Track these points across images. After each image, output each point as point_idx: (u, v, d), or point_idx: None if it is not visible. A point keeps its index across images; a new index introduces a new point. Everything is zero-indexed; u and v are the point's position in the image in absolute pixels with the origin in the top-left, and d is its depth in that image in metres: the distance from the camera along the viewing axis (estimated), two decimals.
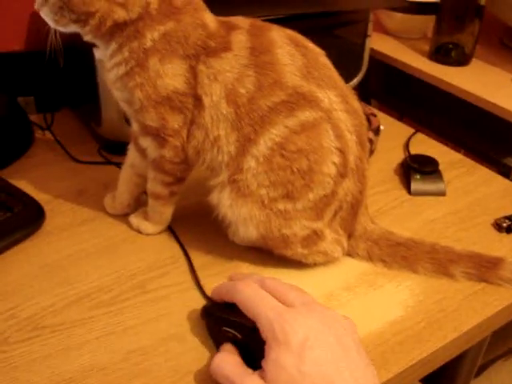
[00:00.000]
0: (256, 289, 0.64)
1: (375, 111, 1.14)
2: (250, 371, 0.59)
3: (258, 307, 0.61)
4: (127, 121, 0.81)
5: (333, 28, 1.14)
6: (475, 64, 1.37)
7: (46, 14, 0.72)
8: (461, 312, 0.74)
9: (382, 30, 1.54)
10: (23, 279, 0.76)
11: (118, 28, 0.71)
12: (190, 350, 0.67)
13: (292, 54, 0.73)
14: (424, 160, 1.01)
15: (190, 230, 0.85)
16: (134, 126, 0.78)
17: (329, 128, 0.72)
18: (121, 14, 0.69)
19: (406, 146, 1.11)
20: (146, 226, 0.84)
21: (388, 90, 1.51)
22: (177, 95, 0.72)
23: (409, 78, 1.37)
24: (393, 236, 0.81)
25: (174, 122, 0.74)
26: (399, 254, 0.80)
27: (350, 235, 0.80)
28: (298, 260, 0.78)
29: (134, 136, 0.81)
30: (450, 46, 1.35)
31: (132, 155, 0.84)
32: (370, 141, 1.01)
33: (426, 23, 1.47)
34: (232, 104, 0.71)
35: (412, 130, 1.18)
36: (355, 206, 0.78)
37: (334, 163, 0.73)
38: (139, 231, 0.84)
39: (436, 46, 1.37)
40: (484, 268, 0.78)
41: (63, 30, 0.73)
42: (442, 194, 0.97)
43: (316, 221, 0.75)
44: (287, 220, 0.74)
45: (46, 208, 0.86)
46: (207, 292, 0.74)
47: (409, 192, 0.97)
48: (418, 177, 0.98)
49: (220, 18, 0.75)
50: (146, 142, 0.77)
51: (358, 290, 0.77)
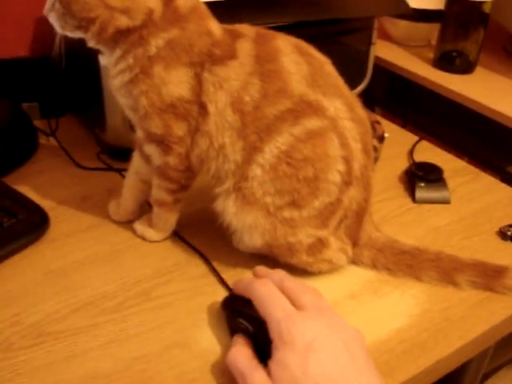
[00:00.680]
0: (271, 288, 0.65)
1: (379, 119, 1.14)
2: (260, 365, 0.60)
3: (269, 307, 0.63)
4: (132, 127, 0.81)
5: (337, 35, 1.14)
6: (479, 72, 1.37)
7: (53, 20, 0.73)
8: (466, 320, 0.74)
9: (386, 37, 1.54)
10: (27, 285, 0.75)
11: (122, 35, 0.71)
12: (193, 358, 0.67)
13: (297, 62, 0.73)
14: (428, 168, 1.01)
15: (194, 236, 0.85)
16: (139, 133, 0.78)
17: (334, 136, 0.72)
18: (123, 21, 0.69)
19: (411, 154, 1.11)
20: (150, 233, 0.84)
21: (392, 97, 1.51)
22: (181, 102, 0.72)
23: (413, 86, 1.37)
24: (397, 244, 0.81)
25: (179, 129, 0.74)
26: (404, 262, 0.80)
27: (354, 243, 0.80)
28: (302, 268, 0.78)
29: (138, 143, 0.81)
30: (455, 53, 1.35)
31: (137, 162, 0.84)
32: (375, 148, 1.01)
33: (430, 31, 1.47)
34: (237, 112, 0.71)
35: (416, 138, 1.18)
36: (360, 213, 0.78)
37: (339, 171, 0.73)
38: (143, 238, 0.84)
39: (440, 54, 1.37)
40: (489, 277, 0.78)
41: (70, 35, 0.73)
42: (446, 201, 0.97)
43: (321, 229, 0.75)
44: (292, 228, 0.74)
45: (50, 214, 0.86)
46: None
47: (413, 200, 0.97)
48: (423, 184, 0.98)
49: (225, 26, 0.75)
50: (151, 149, 0.77)
51: (363, 298, 0.77)
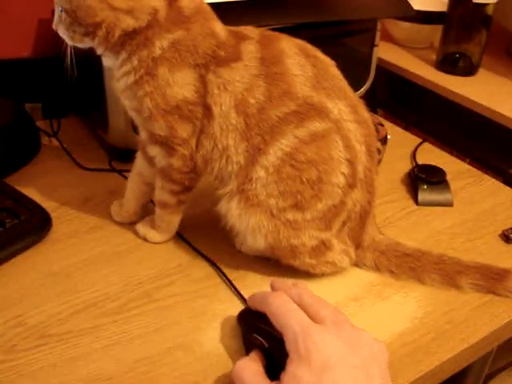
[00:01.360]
0: (286, 301, 0.63)
1: (382, 120, 1.14)
2: (268, 381, 0.59)
3: (286, 319, 0.60)
4: (135, 129, 0.81)
5: (340, 37, 1.14)
6: (482, 74, 1.37)
7: (62, 33, 0.73)
8: (469, 324, 0.74)
9: (389, 39, 1.54)
10: (30, 287, 0.75)
11: (128, 37, 0.71)
12: (196, 360, 0.67)
13: (302, 64, 0.73)
14: (431, 170, 1.01)
15: (197, 238, 0.85)
16: (143, 135, 0.78)
17: (338, 138, 0.72)
18: (129, 23, 0.69)
19: (413, 156, 1.11)
20: (152, 235, 0.84)
21: (394, 99, 1.51)
22: (186, 104, 0.72)
23: (415, 88, 1.37)
24: (400, 247, 0.81)
25: (183, 131, 0.74)
26: (407, 264, 0.79)
27: (357, 245, 0.80)
28: (305, 270, 0.78)
29: (142, 144, 0.81)
30: (457, 55, 1.35)
31: (140, 163, 0.84)
32: (378, 150, 1.01)
33: (433, 33, 1.47)
34: (241, 114, 0.71)
35: (419, 140, 1.18)
36: (363, 216, 0.78)
37: (342, 173, 0.73)
38: (146, 239, 0.84)
39: (443, 56, 1.37)
40: (492, 280, 0.78)
41: (80, 45, 0.74)
42: (449, 204, 0.97)
43: (324, 231, 0.75)
44: (296, 230, 0.74)
45: (53, 215, 0.86)
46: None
47: (416, 202, 0.97)
48: (426, 187, 0.98)
49: (230, 28, 0.75)
50: (155, 151, 0.77)
51: (366, 301, 0.77)
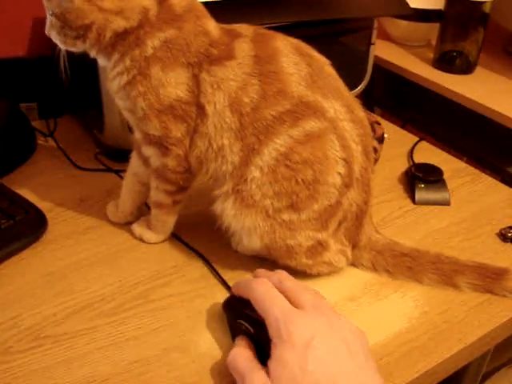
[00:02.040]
0: (268, 288, 0.65)
1: (379, 119, 1.14)
2: (260, 366, 0.60)
3: (268, 306, 0.63)
4: (130, 129, 0.81)
5: (337, 36, 1.14)
6: (479, 72, 1.37)
7: (54, 37, 0.73)
8: (466, 323, 0.74)
9: (386, 37, 1.54)
10: (25, 288, 0.75)
11: (119, 38, 0.70)
12: (192, 361, 0.66)
13: (297, 62, 0.72)
14: (428, 169, 1.01)
15: (193, 239, 0.84)
16: (137, 135, 0.78)
17: (334, 138, 0.72)
18: (120, 23, 0.69)
19: (410, 155, 1.11)
20: (148, 235, 0.84)
21: (391, 97, 1.50)
22: (180, 104, 0.72)
23: (412, 86, 1.37)
24: (397, 246, 0.81)
25: (177, 130, 0.73)
26: (404, 264, 0.79)
27: (354, 245, 0.80)
28: (302, 270, 0.78)
29: (136, 144, 0.81)
30: (454, 53, 1.35)
31: (135, 163, 0.84)
32: (375, 149, 1.01)
33: (430, 31, 1.47)
34: (236, 113, 0.71)
35: (416, 138, 1.17)
36: (360, 216, 0.77)
37: (338, 173, 0.72)
38: (142, 240, 0.84)
39: (440, 54, 1.37)
40: (489, 279, 0.78)
41: (72, 49, 0.74)
42: (446, 203, 0.97)
43: (321, 231, 0.75)
44: (292, 230, 0.73)
45: (48, 216, 0.86)
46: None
47: (413, 201, 0.97)
48: (423, 186, 0.98)
49: (223, 26, 0.74)
50: (149, 151, 0.77)
51: (363, 301, 0.76)
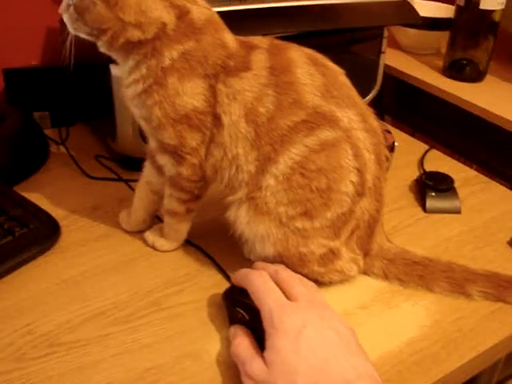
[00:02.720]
0: (265, 280, 0.69)
1: (389, 127, 1.14)
2: (259, 354, 0.63)
3: (263, 297, 0.66)
4: (143, 138, 0.81)
5: (347, 45, 1.15)
6: (489, 80, 1.38)
7: (66, 20, 0.74)
8: (478, 332, 0.74)
9: (396, 45, 1.55)
10: (39, 295, 0.76)
11: (133, 46, 0.71)
12: (205, 369, 0.67)
13: (311, 73, 0.73)
14: (439, 177, 1.01)
15: (206, 246, 0.85)
16: (152, 144, 0.78)
17: (348, 147, 0.72)
18: (135, 34, 0.70)
19: (421, 163, 1.11)
20: (161, 243, 0.84)
21: (402, 105, 1.51)
22: (196, 114, 0.73)
23: (422, 94, 1.37)
24: (409, 255, 0.81)
25: (193, 140, 0.74)
26: (415, 272, 0.79)
27: (366, 254, 0.80)
28: (314, 278, 0.77)
29: (150, 153, 0.81)
30: (464, 61, 1.35)
31: (148, 172, 0.84)
32: (386, 158, 1.01)
33: (439, 39, 1.48)
34: (251, 123, 0.72)
35: (426, 147, 1.18)
36: (372, 224, 0.78)
37: (352, 182, 0.73)
38: (154, 248, 0.84)
39: (450, 62, 1.38)
40: (501, 287, 0.78)
41: (82, 36, 0.74)
42: (457, 211, 0.97)
43: (333, 239, 0.75)
44: (304, 238, 0.74)
45: (62, 224, 0.87)
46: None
47: (424, 210, 0.97)
48: (433, 194, 0.98)
49: (240, 38, 0.75)
50: (164, 160, 0.78)
51: (374, 309, 0.77)
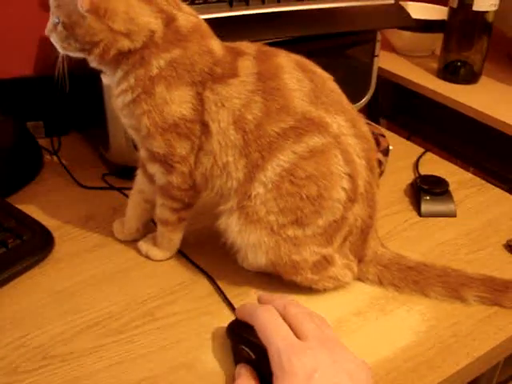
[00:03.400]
0: (273, 316, 0.65)
1: (384, 131, 1.14)
2: None
3: (271, 336, 0.62)
4: (135, 146, 0.81)
5: (341, 49, 1.16)
6: (484, 81, 1.38)
7: (54, 41, 0.75)
8: (473, 337, 0.74)
9: (391, 48, 1.55)
10: (33, 307, 0.76)
11: (122, 56, 0.72)
12: (199, 379, 0.67)
13: (300, 79, 0.73)
14: (434, 181, 1.01)
15: (199, 255, 0.85)
16: (142, 153, 0.79)
17: (338, 153, 0.72)
18: (125, 44, 0.71)
19: (416, 166, 1.12)
20: (155, 252, 0.84)
21: (397, 108, 1.51)
22: (184, 122, 0.73)
23: (418, 97, 1.37)
24: (403, 260, 0.81)
25: (182, 148, 0.74)
26: (410, 278, 0.79)
27: (360, 260, 0.80)
28: (307, 286, 0.78)
29: (141, 162, 0.81)
30: (459, 63, 1.35)
31: (140, 181, 0.85)
32: (379, 162, 1.02)
33: (434, 41, 1.48)
34: (239, 130, 0.72)
35: (421, 150, 1.18)
36: (365, 230, 0.78)
37: (343, 188, 0.73)
38: (148, 257, 0.85)
39: (444, 64, 1.38)
40: (497, 292, 0.78)
41: (72, 55, 0.75)
42: (452, 215, 0.97)
43: (326, 246, 0.75)
44: (297, 246, 0.74)
45: (55, 234, 0.87)
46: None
47: (419, 213, 0.97)
48: (428, 198, 0.98)
49: (227, 44, 0.76)
50: (154, 169, 0.78)
51: (369, 315, 0.77)
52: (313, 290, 0.79)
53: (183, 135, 0.73)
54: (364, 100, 1.24)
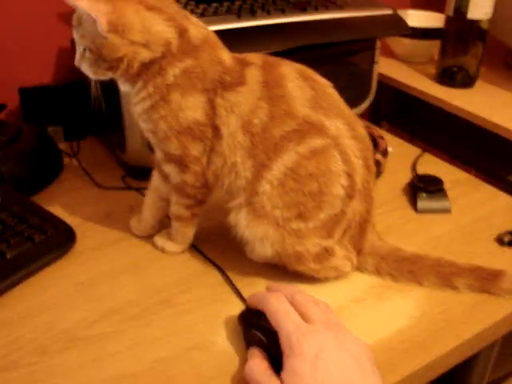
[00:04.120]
0: (283, 303, 0.70)
1: (383, 134, 1.19)
2: (275, 376, 0.64)
3: (281, 320, 0.67)
4: (151, 148, 0.86)
5: (341, 56, 1.19)
6: (480, 85, 1.42)
7: (85, 69, 0.79)
8: (463, 321, 0.78)
9: (391, 55, 1.59)
10: (58, 296, 0.81)
11: (144, 68, 0.77)
12: (212, 358, 0.72)
13: (301, 87, 0.78)
14: (430, 179, 1.06)
15: (210, 249, 0.90)
16: (158, 154, 0.84)
17: (336, 153, 0.78)
18: (146, 55, 0.76)
19: (414, 167, 1.16)
20: (169, 246, 0.89)
21: (398, 112, 1.55)
22: (197, 126, 0.78)
23: (417, 101, 1.41)
24: (399, 252, 0.86)
25: (195, 150, 0.80)
26: (406, 268, 0.84)
27: (359, 251, 0.85)
28: (310, 275, 0.83)
29: (157, 163, 0.86)
30: (455, 68, 1.39)
31: (155, 181, 0.89)
32: (378, 162, 1.07)
33: (432, 48, 1.52)
34: (247, 133, 0.77)
35: (419, 151, 1.22)
36: (363, 224, 0.83)
37: (342, 185, 0.78)
38: (163, 251, 0.90)
39: (441, 70, 1.42)
40: (486, 280, 0.82)
41: (102, 78, 0.80)
42: (447, 211, 1.02)
43: (327, 239, 0.80)
44: (300, 238, 0.79)
45: (77, 230, 0.91)
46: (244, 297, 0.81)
47: (415, 210, 1.02)
48: (424, 195, 1.02)
49: (235, 55, 0.81)
50: (169, 169, 0.83)
51: (367, 302, 0.81)
52: (315, 280, 0.83)
53: (196, 138, 0.79)
54: (365, 104, 1.27)
